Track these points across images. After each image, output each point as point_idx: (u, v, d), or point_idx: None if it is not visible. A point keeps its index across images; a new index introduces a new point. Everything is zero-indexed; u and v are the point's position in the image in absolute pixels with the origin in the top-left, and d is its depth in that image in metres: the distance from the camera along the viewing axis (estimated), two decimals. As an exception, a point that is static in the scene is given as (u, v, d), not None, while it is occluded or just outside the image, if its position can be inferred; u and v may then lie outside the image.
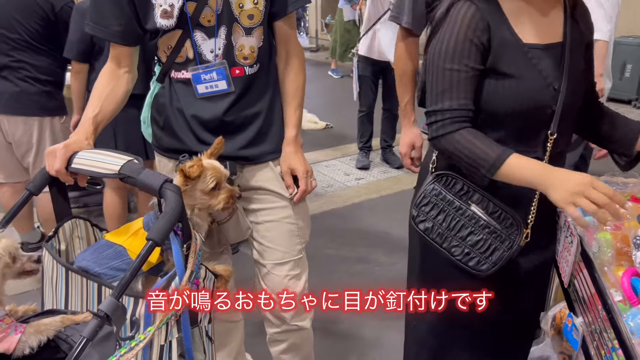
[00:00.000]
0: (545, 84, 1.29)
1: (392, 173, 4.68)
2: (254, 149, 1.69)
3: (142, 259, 1.16)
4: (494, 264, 1.33)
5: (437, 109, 1.30)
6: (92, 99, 1.57)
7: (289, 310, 1.77)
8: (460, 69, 1.27)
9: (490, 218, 1.33)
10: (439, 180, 1.38)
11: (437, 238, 1.38)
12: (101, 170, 1.32)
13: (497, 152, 1.25)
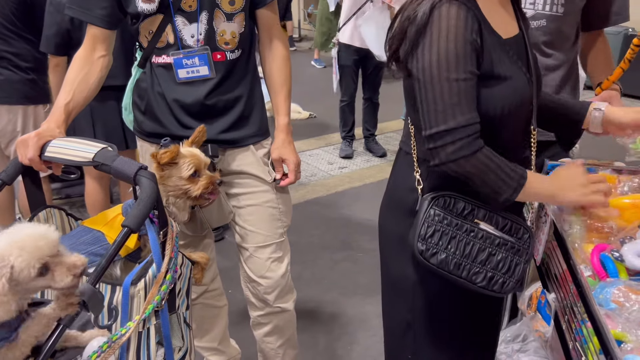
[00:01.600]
0: (527, 79, 1.23)
1: (375, 162, 4.70)
2: (236, 132, 1.70)
3: (117, 246, 1.16)
4: (517, 281, 1.23)
5: (450, 127, 1.11)
6: (65, 87, 1.56)
7: (272, 292, 1.79)
8: (467, 78, 1.12)
9: (503, 233, 1.23)
10: (437, 204, 1.22)
11: (454, 269, 1.21)
12: (75, 158, 1.31)
13: (517, 171, 1.16)
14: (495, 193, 1.16)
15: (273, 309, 1.83)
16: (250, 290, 1.85)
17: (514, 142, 1.27)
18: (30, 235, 1.02)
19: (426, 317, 1.37)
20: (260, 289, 1.79)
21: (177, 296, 1.42)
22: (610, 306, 1.00)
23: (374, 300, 2.73)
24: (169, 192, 1.44)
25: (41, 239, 1.02)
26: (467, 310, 1.35)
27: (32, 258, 1.00)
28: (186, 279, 1.45)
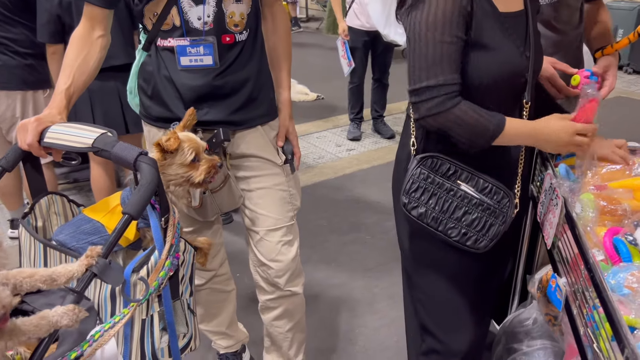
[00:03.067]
0: (519, 53, 1.28)
1: (383, 143, 4.65)
2: (245, 113, 1.67)
3: (118, 233, 1.14)
4: (490, 239, 1.33)
5: (430, 84, 1.22)
6: (64, 70, 1.51)
7: (283, 275, 1.78)
8: (452, 41, 1.21)
9: (482, 195, 1.32)
10: (424, 164, 1.34)
11: (432, 222, 1.34)
12: (74, 144, 1.29)
13: (494, 119, 1.24)
14: (474, 139, 1.25)
15: (283, 293, 1.82)
16: (260, 274, 1.84)
17: (503, 112, 1.29)
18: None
19: (422, 268, 1.49)
20: (270, 272, 1.78)
21: (181, 283, 1.41)
22: (623, 292, 0.97)
23: (383, 282, 2.72)
24: (169, 181, 1.41)
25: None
26: (456, 267, 1.44)
27: None
28: (189, 266, 1.43)
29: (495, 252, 1.42)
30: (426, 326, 1.53)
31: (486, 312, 1.56)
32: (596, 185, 1.26)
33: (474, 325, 1.49)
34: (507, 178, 1.36)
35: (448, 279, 1.45)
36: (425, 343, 1.55)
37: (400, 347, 2.28)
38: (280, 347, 1.95)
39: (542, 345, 1.67)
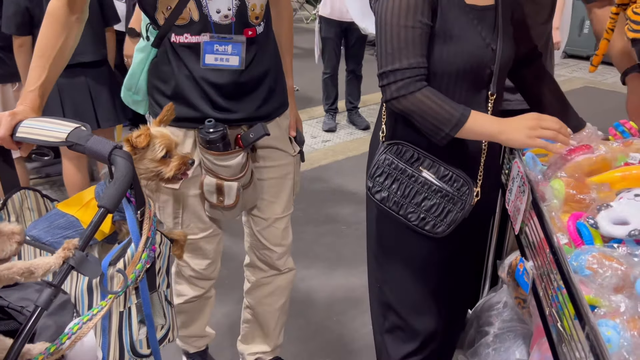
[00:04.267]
0: (485, 44, 1.32)
1: (358, 134, 4.69)
2: (267, 106, 1.66)
3: (94, 226, 1.14)
4: (448, 225, 1.38)
5: (395, 68, 1.27)
6: (38, 60, 1.43)
7: (283, 257, 1.86)
8: (415, 26, 1.25)
9: (442, 182, 1.36)
10: (390, 150, 1.40)
11: (393, 206, 1.40)
12: (48, 139, 1.28)
13: (459, 110, 1.27)
14: (436, 128, 1.28)
15: (281, 272, 1.89)
16: (259, 258, 1.88)
17: (468, 102, 1.33)
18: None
19: (386, 250, 1.55)
20: (273, 256, 1.84)
21: (158, 275, 1.42)
22: (585, 272, 1.02)
23: (359, 271, 2.76)
24: (140, 175, 1.41)
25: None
26: (418, 251, 1.49)
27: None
28: (166, 257, 1.44)
29: (461, 239, 1.47)
30: (390, 304, 1.58)
31: (453, 297, 1.60)
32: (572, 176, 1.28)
33: (438, 308, 1.54)
34: (470, 167, 1.40)
35: (410, 261, 1.51)
36: (389, 320, 1.61)
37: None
38: (267, 326, 1.98)
39: (512, 327, 1.73)
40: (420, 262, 1.49)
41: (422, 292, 1.52)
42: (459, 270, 1.56)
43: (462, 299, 1.69)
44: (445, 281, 1.54)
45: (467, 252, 1.56)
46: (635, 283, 0.94)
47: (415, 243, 1.45)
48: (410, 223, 1.39)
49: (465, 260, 1.58)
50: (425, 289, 1.52)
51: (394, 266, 1.53)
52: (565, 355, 1.01)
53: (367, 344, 2.30)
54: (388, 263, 1.55)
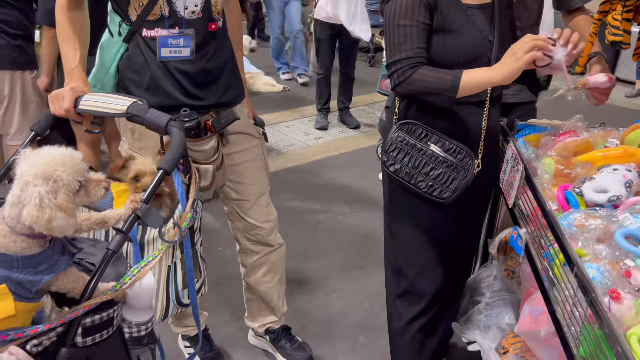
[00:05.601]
0: (482, 37, 1.53)
1: (349, 133, 4.90)
2: (230, 94, 1.84)
3: (155, 185, 1.32)
4: (453, 191, 1.58)
5: (395, 59, 1.50)
6: (68, 43, 1.61)
7: (272, 232, 2.01)
8: (412, 24, 1.48)
9: (447, 154, 1.57)
10: (402, 129, 1.61)
11: (405, 177, 1.61)
12: (109, 110, 1.45)
13: (451, 74, 1.46)
14: (438, 96, 1.47)
15: (272, 248, 2.05)
16: (249, 239, 2.04)
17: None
18: (63, 154, 1.11)
19: (399, 219, 1.75)
20: (263, 233, 1.99)
21: (195, 233, 1.60)
22: (573, 230, 1.24)
23: (355, 255, 2.97)
24: None
25: (74, 157, 1.12)
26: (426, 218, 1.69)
27: (73, 172, 1.10)
28: (199, 219, 1.63)
29: (463, 209, 1.67)
30: (402, 269, 1.78)
31: (456, 262, 1.80)
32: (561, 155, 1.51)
33: (443, 271, 1.74)
34: (472, 142, 1.60)
35: (420, 228, 1.71)
36: (400, 285, 1.81)
37: (372, 310, 2.54)
38: (270, 300, 2.15)
39: (501, 297, 1.95)
40: (429, 229, 1.70)
41: (429, 257, 1.72)
42: (462, 238, 1.77)
43: (464, 265, 1.89)
44: (450, 247, 1.74)
45: (470, 221, 1.77)
46: (615, 234, 1.15)
47: (425, 211, 1.66)
48: (420, 190, 1.59)
49: (468, 229, 1.79)
50: (432, 253, 1.72)
51: (406, 234, 1.74)
52: (556, 297, 1.23)
53: (364, 317, 2.50)
54: (400, 231, 1.76)
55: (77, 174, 1.11)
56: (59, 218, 1.05)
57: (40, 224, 1.05)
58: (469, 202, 1.66)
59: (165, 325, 2.12)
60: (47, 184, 1.06)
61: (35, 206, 1.04)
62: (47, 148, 1.13)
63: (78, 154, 1.16)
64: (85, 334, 1.19)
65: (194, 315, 1.50)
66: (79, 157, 1.14)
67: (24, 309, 1.10)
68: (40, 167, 1.08)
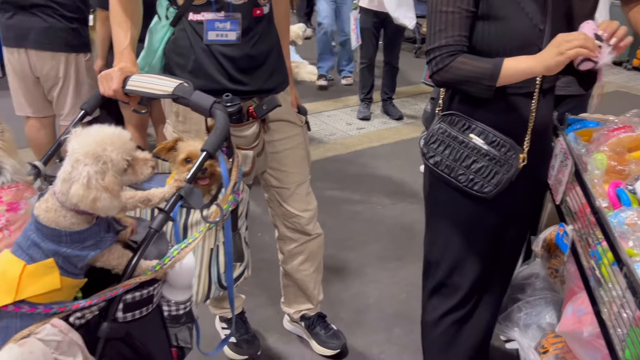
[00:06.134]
0: (532, 25, 1.46)
1: (392, 124, 4.85)
2: (274, 80, 1.84)
3: (199, 165, 1.34)
4: (495, 186, 1.51)
5: (434, 46, 1.47)
6: (120, 26, 1.65)
7: (311, 222, 2.01)
8: (454, 11, 1.44)
9: (490, 147, 1.51)
10: (444, 120, 1.56)
11: (445, 169, 1.56)
12: (155, 92, 1.47)
13: (492, 62, 1.42)
14: (476, 85, 1.44)
15: (311, 237, 2.05)
16: (287, 227, 2.04)
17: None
18: (112, 133, 1.13)
19: (438, 213, 1.71)
20: (302, 221, 1.99)
21: (239, 217, 1.62)
22: (624, 228, 1.19)
23: (393, 246, 2.95)
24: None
25: (122, 136, 1.14)
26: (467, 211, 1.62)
27: (122, 152, 1.12)
28: (246, 203, 1.64)
29: (507, 206, 1.61)
30: (439, 262, 1.74)
31: (496, 258, 1.72)
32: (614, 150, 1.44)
33: (479, 265, 1.68)
34: (518, 135, 1.52)
35: (458, 222, 1.66)
36: (435, 278, 1.77)
37: (409, 302, 2.52)
38: (306, 289, 2.16)
39: (543, 295, 1.90)
40: (468, 224, 1.65)
41: (466, 251, 1.67)
42: (505, 236, 1.69)
43: (506, 263, 1.81)
44: (490, 244, 1.68)
45: (514, 218, 1.68)
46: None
47: (465, 206, 1.61)
48: (460, 184, 1.54)
49: (512, 227, 1.70)
50: (469, 248, 1.67)
51: (444, 227, 1.69)
52: (602, 297, 1.18)
53: (400, 308, 2.48)
54: (438, 225, 1.72)
55: (125, 153, 1.14)
56: (103, 199, 1.08)
57: (86, 203, 1.07)
58: (514, 199, 1.59)
59: (203, 306, 2.16)
60: (97, 164, 1.09)
61: (83, 185, 1.07)
62: (97, 126, 1.16)
63: (127, 133, 1.18)
64: (126, 309, 1.22)
65: (229, 298, 1.51)
66: (127, 136, 1.17)
67: (69, 284, 1.13)
68: (91, 146, 1.11)
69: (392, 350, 2.25)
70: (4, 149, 1.34)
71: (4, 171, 1.32)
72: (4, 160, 1.32)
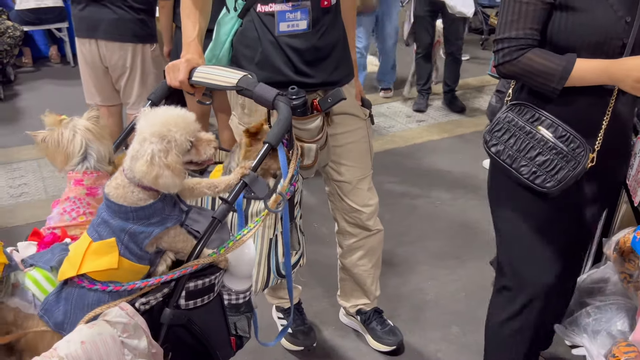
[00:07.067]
0: (617, 17, 1.35)
1: (453, 117, 4.72)
2: (339, 73, 1.83)
3: (261, 157, 1.34)
4: (559, 182, 1.43)
5: (504, 37, 1.41)
6: (189, 17, 1.66)
7: (372, 217, 1.98)
8: (530, 2, 1.37)
9: (558, 140, 1.43)
10: (512, 109, 1.50)
11: (507, 159, 1.49)
12: (220, 83, 1.49)
13: (562, 63, 1.35)
14: (543, 85, 1.39)
15: (370, 233, 2.02)
16: (348, 221, 2.03)
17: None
18: (178, 115, 1.18)
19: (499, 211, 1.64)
20: (363, 217, 1.97)
21: (295, 206, 1.62)
22: None
23: (453, 243, 2.88)
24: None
25: (187, 117, 1.18)
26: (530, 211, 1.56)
27: (186, 133, 1.16)
28: (300, 192, 1.64)
29: (573, 206, 1.53)
30: (501, 263, 1.67)
31: (560, 259, 1.63)
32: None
33: (542, 266, 1.60)
34: (590, 132, 1.44)
35: (519, 219, 1.58)
36: (499, 280, 1.70)
37: (468, 301, 2.45)
38: (364, 284, 2.14)
39: (614, 301, 1.79)
40: (530, 221, 1.56)
41: (529, 253, 1.59)
42: (569, 236, 1.61)
43: (570, 265, 1.73)
44: (552, 244, 1.59)
45: (580, 219, 1.61)
46: None
47: (527, 202, 1.52)
48: (521, 176, 1.46)
49: (577, 227, 1.63)
50: (530, 248, 1.58)
51: (504, 224, 1.63)
52: (684, 308, 1.10)
53: (459, 308, 2.42)
54: (498, 222, 1.65)
55: (189, 134, 1.18)
56: (165, 176, 1.12)
57: (148, 178, 1.12)
58: (583, 200, 1.51)
59: (260, 296, 2.18)
60: (162, 143, 1.13)
61: (146, 162, 1.11)
62: (164, 108, 1.21)
63: (191, 114, 1.22)
64: (188, 297, 1.25)
65: (288, 288, 1.52)
66: (192, 118, 1.20)
67: (130, 267, 1.17)
68: (157, 127, 1.15)
69: (449, 349, 2.21)
70: (95, 134, 1.40)
71: (89, 157, 1.39)
72: (91, 145, 1.38)
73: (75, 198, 1.34)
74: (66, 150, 1.34)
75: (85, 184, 1.35)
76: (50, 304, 1.16)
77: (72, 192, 1.34)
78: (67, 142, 1.34)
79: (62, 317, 1.15)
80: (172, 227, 1.21)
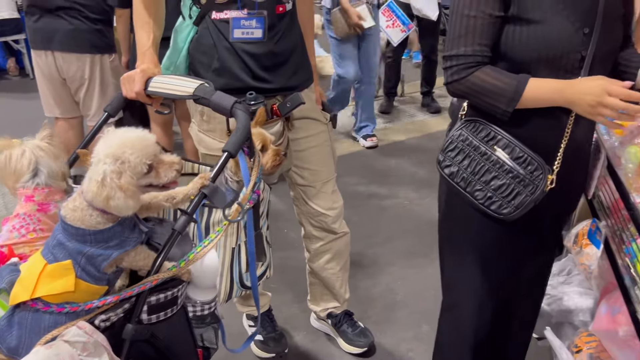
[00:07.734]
0: (574, 29, 1.26)
1: (419, 117, 4.78)
2: (298, 78, 1.83)
3: (220, 167, 1.33)
4: (515, 207, 1.33)
5: (452, 54, 1.32)
6: (143, 27, 1.65)
7: (337, 220, 1.99)
8: (477, 15, 1.28)
9: (515, 163, 1.32)
10: (466, 126, 1.38)
11: (461, 182, 1.38)
12: (177, 92, 1.47)
13: (513, 83, 1.27)
14: (492, 106, 1.31)
15: (336, 236, 2.03)
16: (313, 225, 2.03)
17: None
18: (136, 137, 1.15)
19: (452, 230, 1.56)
20: (328, 220, 1.98)
21: (260, 217, 1.61)
22: (660, 225, 1.13)
23: (421, 242, 2.90)
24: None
25: (145, 139, 1.16)
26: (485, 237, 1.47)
27: (142, 155, 1.13)
28: (267, 203, 1.63)
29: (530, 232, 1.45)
30: (450, 283, 1.63)
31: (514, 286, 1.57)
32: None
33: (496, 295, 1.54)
34: (548, 153, 1.34)
35: (473, 243, 1.50)
36: (447, 297, 1.66)
37: (437, 299, 2.45)
38: (333, 287, 2.15)
39: (576, 292, 1.85)
40: (485, 248, 1.48)
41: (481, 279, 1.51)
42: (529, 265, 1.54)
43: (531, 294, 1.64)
44: (510, 273, 1.51)
45: (543, 246, 1.54)
46: None
47: (481, 227, 1.44)
48: (476, 201, 1.37)
49: (540, 255, 1.56)
50: (485, 275, 1.51)
51: (458, 248, 1.55)
52: (637, 296, 1.13)
53: (428, 306, 2.43)
54: (453, 245, 1.57)
55: (146, 156, 1.15)
56: (117, 198, 1.09)
57: (99, 200, 1.09)
58: (540, 223, 1.44)
59: (231, 305, 2.17)
60: (115, 164, 1.10)
61: (97, 183, 1.09)
62: (123, 130, 1.18)
63: (151, 136, 1.19)
64: (150, 311, 1.23)
65: (254, 298, 1.51)
66: (151, 140, 1.18)
67: (86, 288, 1.14)
68: (112, 148, 1.13)
69: (420, 348, 2.22)
70: (47, 151, 1.37)
71: (40, 173, 1.36)
72: (42, 162, 1.35)
73: (25, 214, 1.30)
74: (15, 168, 1.31)
75: (36, 199, 1.32)
76: (2, 329, 1.13)
77: (23, 209, 1.31)
78: (15, 161, 1.31)
79: (16, 342, 1.11)
80: (131, 249, 1.19)
